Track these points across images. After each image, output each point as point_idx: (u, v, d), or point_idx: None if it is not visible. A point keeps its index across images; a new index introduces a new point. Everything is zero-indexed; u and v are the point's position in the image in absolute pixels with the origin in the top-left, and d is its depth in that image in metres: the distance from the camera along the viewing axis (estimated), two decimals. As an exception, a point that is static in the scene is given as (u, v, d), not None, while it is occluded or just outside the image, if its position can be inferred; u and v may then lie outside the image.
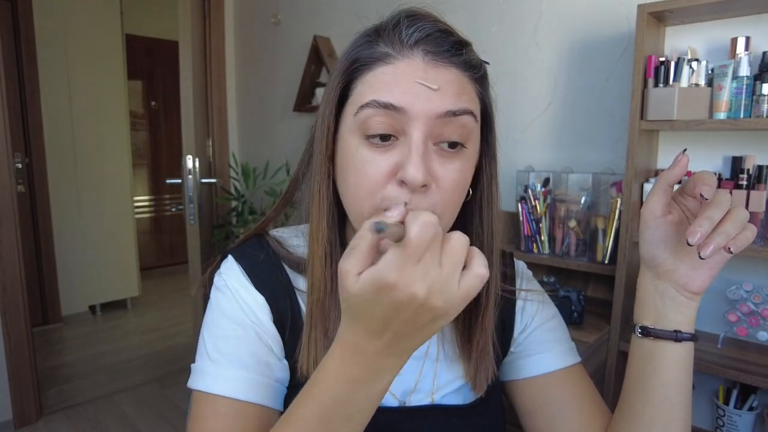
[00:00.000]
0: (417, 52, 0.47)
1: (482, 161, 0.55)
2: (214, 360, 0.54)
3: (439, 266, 0.35)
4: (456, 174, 0.48)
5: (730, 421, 1.18)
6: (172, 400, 2.44)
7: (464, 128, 0.48)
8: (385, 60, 0.48)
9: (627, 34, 1.39)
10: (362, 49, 0.50)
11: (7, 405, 2.12)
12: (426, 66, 0.47)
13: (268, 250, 0.59)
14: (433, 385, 0.60)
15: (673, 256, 0.52)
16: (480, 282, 0.36)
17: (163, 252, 4.76)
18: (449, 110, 0.46)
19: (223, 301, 0.57)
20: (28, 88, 3.04)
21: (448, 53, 0.48)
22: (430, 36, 0.48)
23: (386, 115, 0.46)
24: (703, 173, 0.47)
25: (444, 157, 0.48)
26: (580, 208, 1.40)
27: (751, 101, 1.09)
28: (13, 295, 2.07)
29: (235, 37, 2.76)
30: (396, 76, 0.47)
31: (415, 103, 0.46)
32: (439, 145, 0.48)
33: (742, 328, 1.18)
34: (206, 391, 0.52)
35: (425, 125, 0.46)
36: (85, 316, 3.54)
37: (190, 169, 2.18)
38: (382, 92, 0.47)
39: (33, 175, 3.14)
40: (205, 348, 0.55)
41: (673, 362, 0.52)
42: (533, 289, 0.69)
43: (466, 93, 0.49)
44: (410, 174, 0.44)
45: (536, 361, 0.64)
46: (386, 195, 0.47)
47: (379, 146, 0.47)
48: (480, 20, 1.72)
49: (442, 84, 0.47)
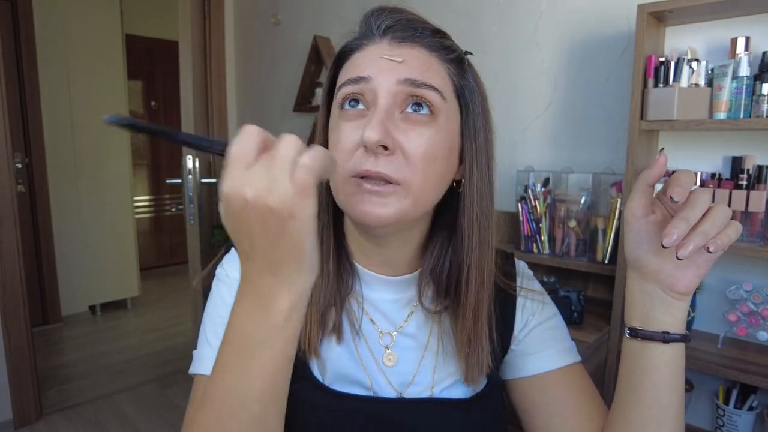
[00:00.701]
0: (385, 39, 0.53)
1: (464, 144, 0.55)
2: (213, 345, 0.56)
3: (267, 168, 0.35)
4: (423, 141, 0.50)
5: (730, 421, 1.18)
6: (172, 400, 2.44)
7: (430, 102, 0.50)
8: (358, 48, 0.54)
9: (627, 34, 1.40)
10: (345, 44, 0.56)
11: (7, 405, 2.12)
12: (391, 47, 0.52)
13: None
14: (432, 379, 0.60)
15: (657, 257, 0.51)
16: (306, 172, 0.35)
17: (163, 252, 4.76)
18: (409, 78, 0.50)
19: (224, 290, 0.60)
20: (28, 88, 3.05)
21: (413, 36, 0.52)
22: (398, 23, 0.53)
23: (358, 88, 0.51)
24: (679, 173, 0.46)
25: (410, 123, 0.50)
26: (580, 208, 1.40)
27: (750, 101, 1.09)
28: (13, 295, 2.07)
29: (235, 37, 2.76)
30: (366, 57, 0.52)
31: (379, 73, 0.50)
32: (405, 112, 0.50)
33: (742, 328, 1.18)
34: (206, 374, 0.54)
35: (389, 92, 0.50)
36: (85, 316, 3.54)
37: (190, 169, 2.18)
38: (354, 71, 0.52)
39: (33, 175, 3.14)
40: (206, 334, 0.58)
41: (663, 363, 0.52)
42: (533, 286, 0.69)
43: (432, 71, 0.51)
44: (366, 133, 0.47)
45: (535, 359, 0.64)
46: (354, 162, 0.49)
47: (350, 115, 0.51)
48: (480, 20, 1.72)
49: (407, 58, 0.51)
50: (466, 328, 0.58)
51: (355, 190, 0.50)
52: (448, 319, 0.62)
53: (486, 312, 0.58)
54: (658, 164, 0.49)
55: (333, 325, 0.58)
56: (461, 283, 0.57)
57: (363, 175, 0.49)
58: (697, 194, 0.45)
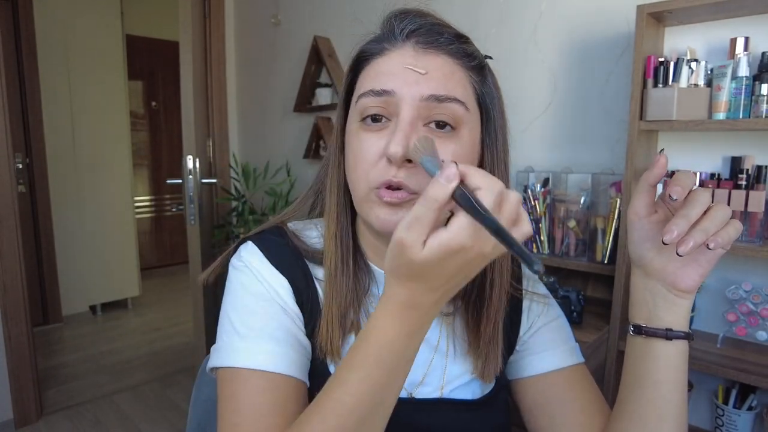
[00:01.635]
0: (409, 43, 0.52)
1: (484, 152, 0.56)
2: (243, 335, 0.53)
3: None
4: (446, 155, 0.50)
5: (730, 421, 1.18)
6: (172, 400, 2.44)
7: (453, 114, 0.50)
8: (381, 53, 0.53)
9: (626, 35, 1.40)
10: (364, 46, 0.55)
11: (7, 405, 2.13)
12: (416, 53, 0.51)
13: (287, 240, 0.60)
14: (442, 379, 0.61)
15: (660, 255, 0.52)
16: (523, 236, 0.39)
17: (163, 252, 4.76)
18: (433, 95, 0.49)
19: (244, 279, 0.57)
20: (29, 88, 3.05)
21: (438, 42, 0.52)
22: (422, 28, 0.52)
23: (379, 101, 0.50)
24: (679, 174, 0.47)
25: (434, 135, 0.50)
26: (579, 208, 1.40)
27: (750, 101, 1.09)
28: (13, 294, 2.08)
29: (235, 37, 2.77)
30: (389, 65, 0.51)
31: (403, 86, 0.50)
32: (428, 126, 0.50)
33: (742, 328, 1.18)
34: (240, 366, 0.51)
35: (412, 107, 0.49)
36: (86, 316, 3.54)
37: (191, 170, 2.18)
38: (376, 81, 0.51)
39: (33, 175, 3.14)
40: (232, 325, 0.54)
41: (665, 360, 0.52)
42: (539, 289, 0.70)
43: (455, 80, 0.51)
44: (391, 148, 0.47)
45: (538, 359, 0.65)
46: (377, 173, 0.50)
47: (372, 128, 0.51)
48: (480, 20, 1.72)
49: (431, 69, 0.50)
50: (488, 328, 0.59)
51: (377, 200, 0.51)
52: (459, 320, 0.62)
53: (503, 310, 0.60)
54: (658, 165, 0.49)
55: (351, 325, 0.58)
56: (485, 285, 0.58)
57: (386, 186, 0.50)
58: (697, 193, 0.46)
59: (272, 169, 2.57)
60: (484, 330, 0.59)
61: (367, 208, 0.52)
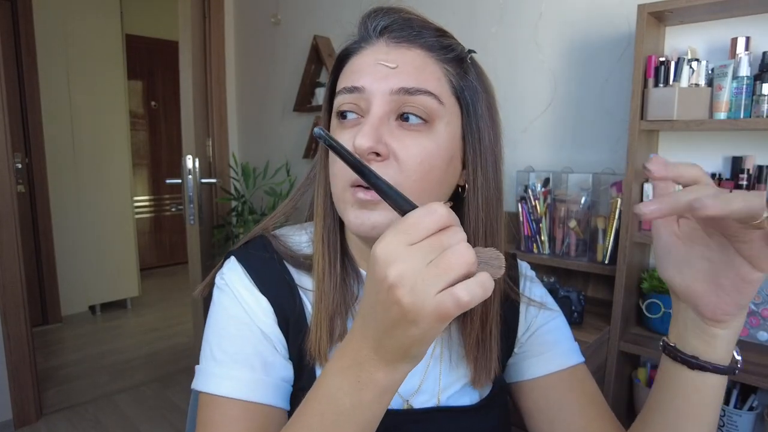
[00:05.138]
0: (382, 39, 0.52)
1: (466, 148, 0.54)
2: (218, 360, 0.53)
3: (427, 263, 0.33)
4: (417, 149, 0.49)
5: (730, 421, 1.18)
6: (172, 400, 2.44)
7: (425, 107, 0.49)
8: (357, 51, 0.53)
9: (627, 34, 1.39)
10: (345, 47, 0.55)
11: (7, 405, 2.12)
12: (388, 48, 0.51)
13: (271, 251, 0.59)
14: (438, 386, 0.60)
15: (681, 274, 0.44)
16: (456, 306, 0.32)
17: (163, 252, 4.76)
18: (403, 87, 0.49)
19: (225, 300, 0.56)
20: (28, 88, 3.04)
21: (410, 36, 0.51)
22: (394, 23, 0.52)
23: (352, 98, 0.51)
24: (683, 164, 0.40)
25: (405, 130, 0.50)
26: (580, 208, 1.40)
27: (751, 101, 1.09)
28: (13, 295, 2.07)
29: (235, 37, 2.76)
30: (361, 63, 0.51)
31: (373, 82, 0.49)
32: (401, 120, 0.50)
33: (743, 328, 1.18)
34: (213, 393, 0.51)
35: (382, 101, 0.49)
36: (85, 316, 3.54)
37: (190, 169, 2.18)
38: (350, 78, 0.51)
39: (33, 175, 3.14)
40: (210, 348, 0.54)
41: (689, 390, 0.46)
42: (535, 290, 0.68)
43: (427, 72, 0.50)
44: (357, 140, 0.47)
45: (537, 362, 0.64)
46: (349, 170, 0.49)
47: (346, 125, 0.52)
48: (480, 20, 1.72)
49: (402, 63, 0.50)
50: (474, 332, 0.57)
51: (351, 199, 0.50)
52: (455, 325, 0.61)
53: (494, 316, 0.58)
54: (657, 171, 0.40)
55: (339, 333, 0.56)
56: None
57: (357, 183, 0.48)
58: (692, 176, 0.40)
59: (272, 169, 2.57)
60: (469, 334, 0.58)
61: (342, 207, 0.51)
